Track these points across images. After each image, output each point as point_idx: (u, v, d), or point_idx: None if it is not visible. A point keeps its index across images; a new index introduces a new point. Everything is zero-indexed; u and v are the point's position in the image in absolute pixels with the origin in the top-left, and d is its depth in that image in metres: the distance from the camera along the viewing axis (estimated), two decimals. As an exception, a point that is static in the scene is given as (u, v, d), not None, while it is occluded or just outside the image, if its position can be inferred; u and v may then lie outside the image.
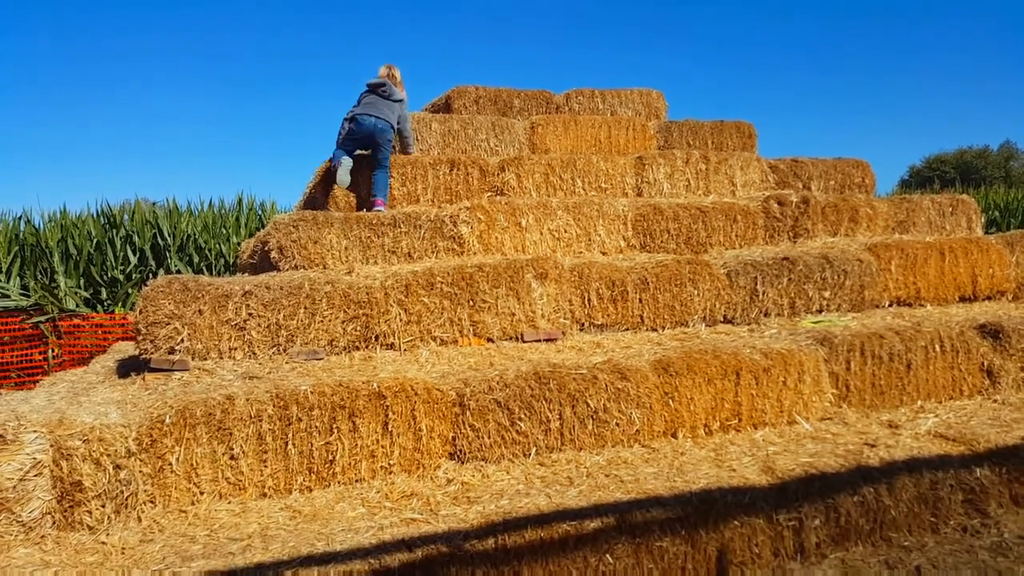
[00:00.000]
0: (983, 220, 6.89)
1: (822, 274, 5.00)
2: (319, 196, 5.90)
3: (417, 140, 6.40)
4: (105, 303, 8.48)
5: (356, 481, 3.22)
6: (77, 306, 8.16)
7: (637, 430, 3.55)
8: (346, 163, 5.44)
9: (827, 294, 5.03)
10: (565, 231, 5.34)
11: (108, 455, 2.84)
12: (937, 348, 4.16)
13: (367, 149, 5.61)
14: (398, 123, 5.70)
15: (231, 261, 9.54)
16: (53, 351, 7.72)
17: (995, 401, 4.15)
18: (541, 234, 5.27)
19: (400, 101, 5.75)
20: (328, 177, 5.74)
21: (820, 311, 5.03)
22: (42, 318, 7.77)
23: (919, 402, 4.12)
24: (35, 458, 2.76)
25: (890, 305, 5.30)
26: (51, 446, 2.79)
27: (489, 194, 5.85)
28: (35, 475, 2.76)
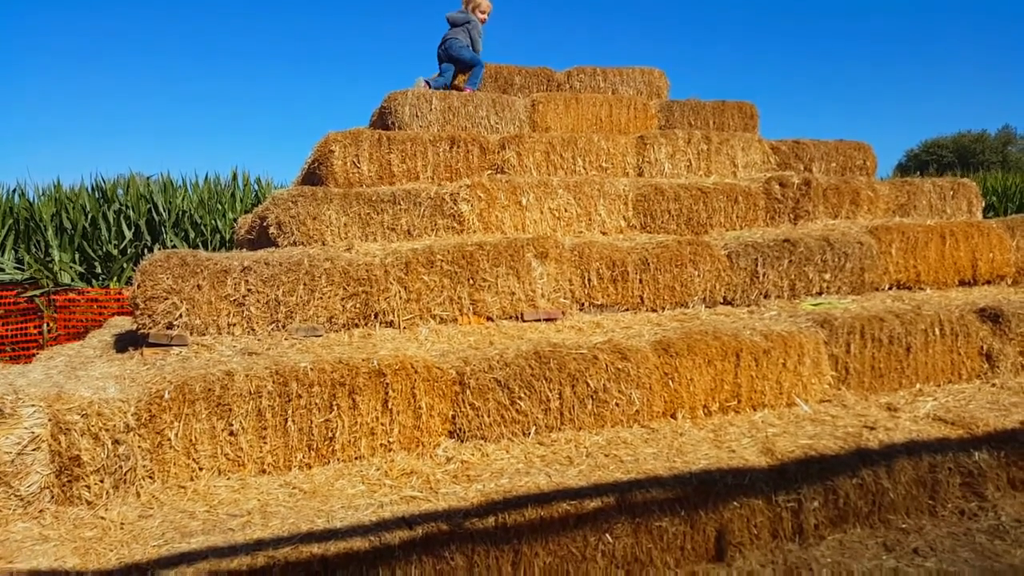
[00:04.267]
0: (982, 205, 6.86)
1: (823, 256, 4.99)
2: (318, 172, 5.84)
3: (416, 116, 6.35)
4: (100, 277, 8.43)
5: (356, 459, 3.22)
6: (72, 280, 8.12)
7: (637, 410, 3.55)
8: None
9: (827, 276, 5.02)
10: (566, 210, 5.30)
11: (107, 430, 2.82)
12: (937, 331, 4.16)
13: (452, 64, 6.86)
14: (467, 39, 6.85)
15: (227, 237, 9.49)
16: (48, 325, 7.69)
17: (994, 385, 4.16)
18: (541, 213, 5.24)
19: (467, 23, 6.87)
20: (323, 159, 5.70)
21: (820, 293, 5.02)
22: (37, 292, 7.74)
23: (918, 385, 4.12)
24: (33, 432, 2.75)
25: (890, 288, 5.29)
26: (49, 420, 2.78)
27: (489, 172, 5.79)
28: (33, 449, 2.75)
